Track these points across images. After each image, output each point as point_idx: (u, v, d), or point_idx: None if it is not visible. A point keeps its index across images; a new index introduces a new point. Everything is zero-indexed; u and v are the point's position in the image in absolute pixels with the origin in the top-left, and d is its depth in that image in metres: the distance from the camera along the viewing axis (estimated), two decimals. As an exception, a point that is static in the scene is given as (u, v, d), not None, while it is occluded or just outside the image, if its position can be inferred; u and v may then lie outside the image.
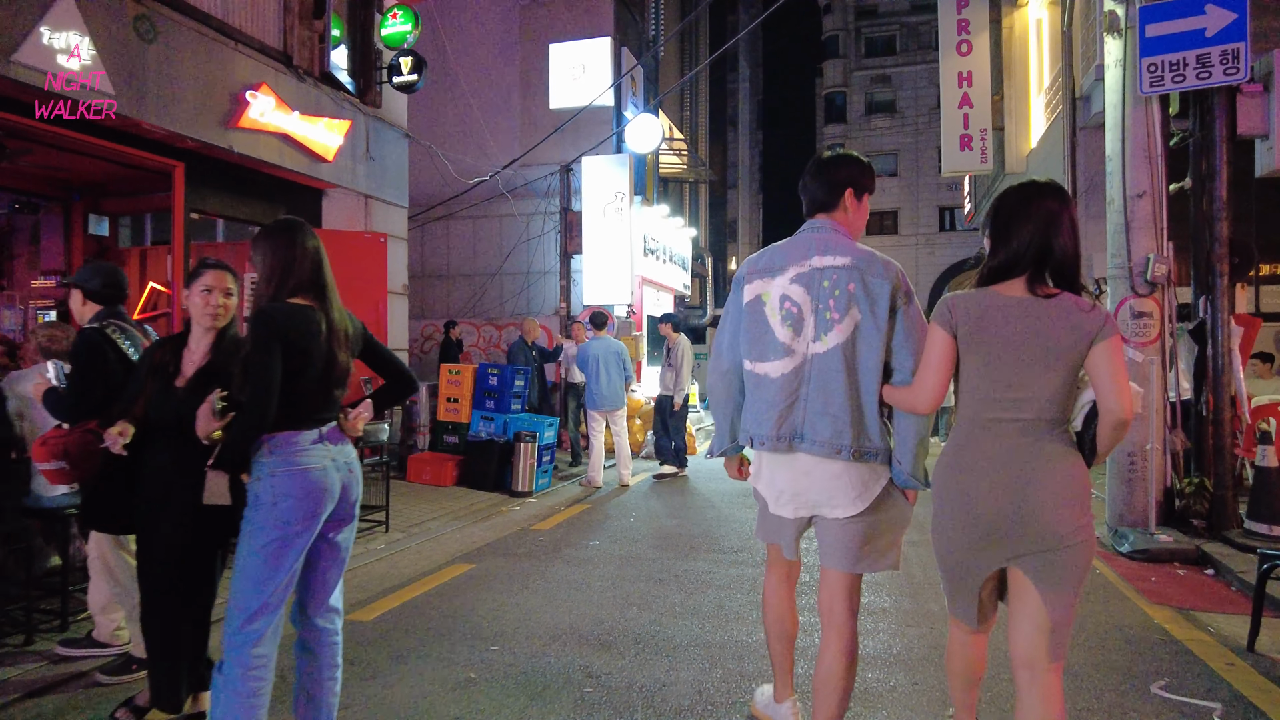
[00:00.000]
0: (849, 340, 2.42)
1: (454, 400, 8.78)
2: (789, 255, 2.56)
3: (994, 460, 2.15)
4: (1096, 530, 6.08)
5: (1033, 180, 2.24)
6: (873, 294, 2.41)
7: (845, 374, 2.42)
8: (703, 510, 7.41)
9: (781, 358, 2.51)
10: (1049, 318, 2.10)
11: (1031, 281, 2.14)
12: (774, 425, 2.50)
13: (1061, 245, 2.13)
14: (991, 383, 2.16)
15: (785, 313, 2.50)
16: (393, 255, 9.42)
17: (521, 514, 7.29)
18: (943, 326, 2.22)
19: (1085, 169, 11.36)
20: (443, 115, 13.83)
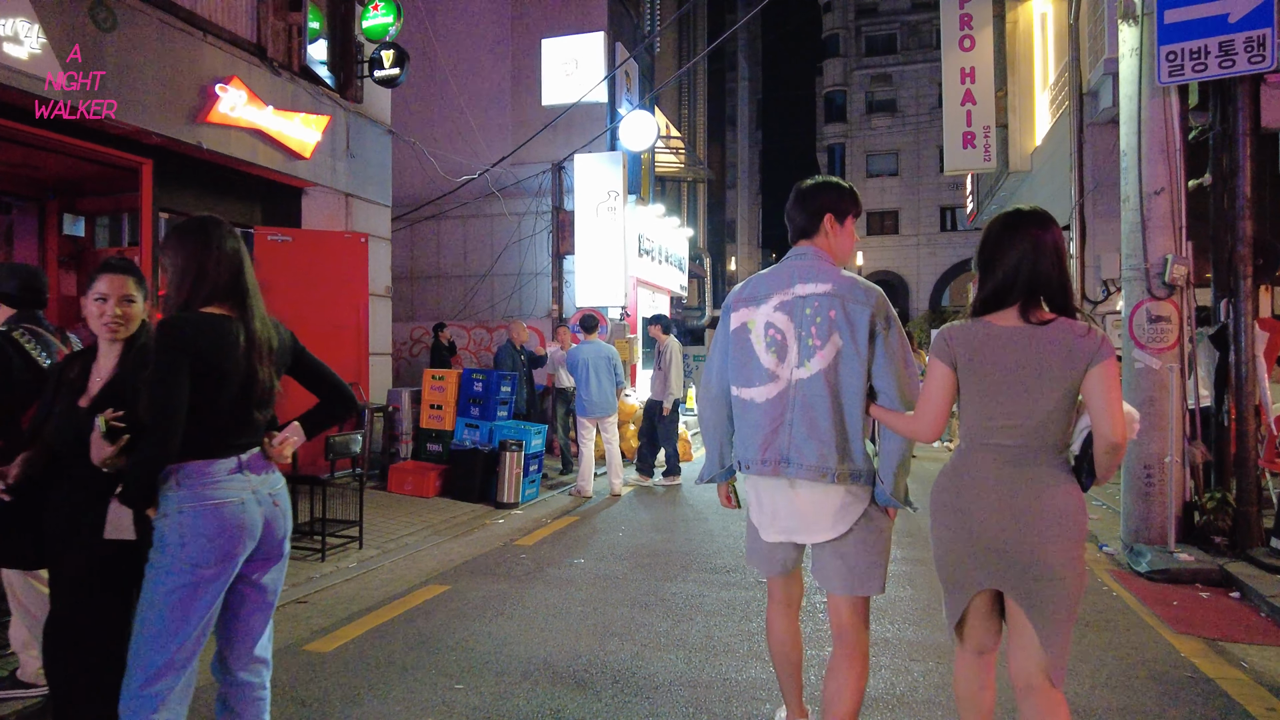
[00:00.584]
0: (832, 366, 2.48)
1: (437, 407, 8.43)
2: (773, 284, 2.62)
3: (992, 483, 2.19)
4: (1111, 546, 5.71)
5: (1017, 208, 2.29)
6: (853, 320, 2.46)
7: (829, 399, 2.48)
8: (694, 524, 7.06)
9: (766, 383, 2.57)
10: (1043, 345, 2.14)
11: (1024, 309, 2.18)
12: (759, 449, 2.56)
13: (1047, 270, 2.17)
14: (989, 410, 2.21)
15: (769, 340, 2.57)
16: (375, 256, 9.09)
17: (505, 527, 6.94)
18: (942, 360, 2.28)
19: (1093, 167, 11.01)
20: (432, 114, 13.49)
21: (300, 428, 2.51)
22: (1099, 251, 11.07)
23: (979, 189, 19.46)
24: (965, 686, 2.41)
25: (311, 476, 5.95)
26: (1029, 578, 2.14)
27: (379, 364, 9.13)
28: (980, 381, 2.22)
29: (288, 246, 8.26)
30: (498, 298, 13.31)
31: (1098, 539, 6.39)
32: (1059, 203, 12.68)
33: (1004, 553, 2.16)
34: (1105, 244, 11.05)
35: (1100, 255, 11.03)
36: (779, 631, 2.81)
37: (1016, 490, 2.15)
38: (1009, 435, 2.18)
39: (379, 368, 9.12)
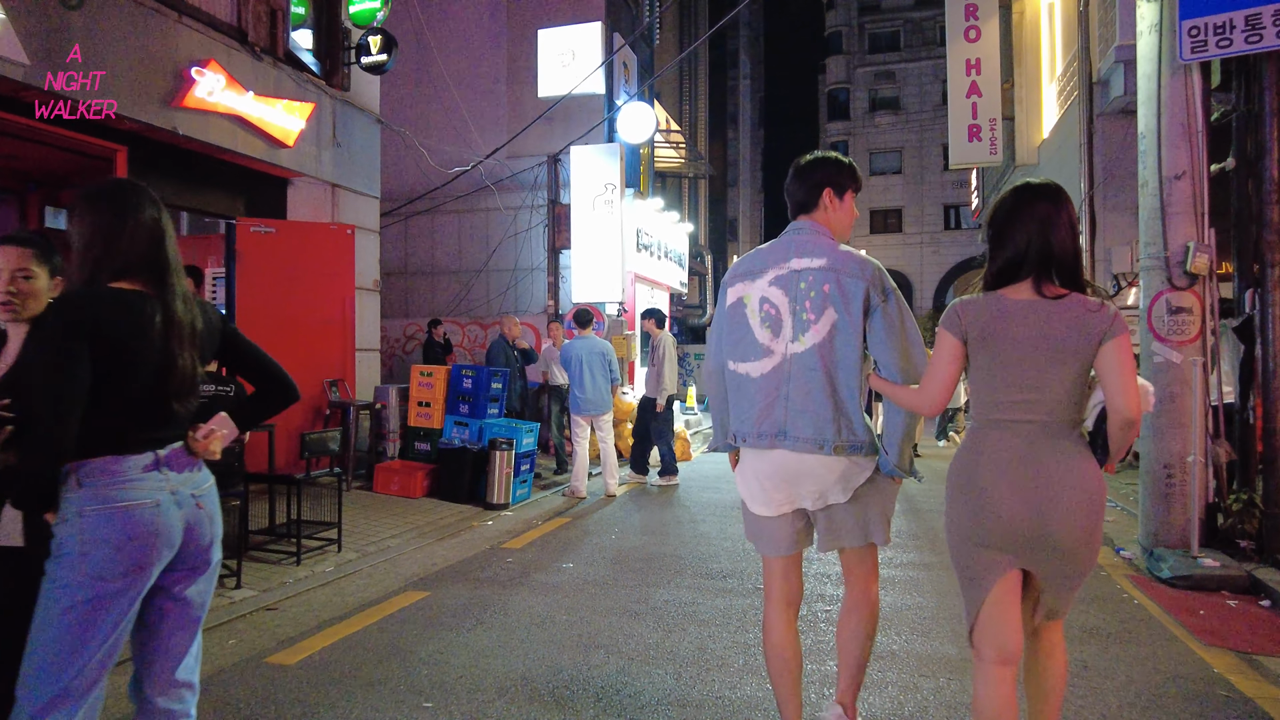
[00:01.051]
0: (827, 340, 2.47)
1: (426, 405, 8.14)
2: (769, 258, 2.61)
3: (1013, 461, 2.15)
4: (1129, 550, 5.40)
5: (1027, 182, 2.26)
6: (848, 293, 2.45)
7: (824, 372, 2.48)
8: (692, 526, 6.76)
9: (761, 358, 2.57)
10: (1057, 318, 2.12)
11: (1037, 283, 2.16)
12: (755, 423, 2.56)
13: (1060, 244, 2.15)
14: (1004, 385, 2.18)
15: (764, 314, 2.57)
16: (363, 249, 8.80)
17: (493, 530, 6.65)
18: (952, 332, 2.24)
19: (1103, 158, 10.70)
20: (426, 106, 13.21)
21: (229, 419, 2.22)
22: (1110, 245, 10.75)
23: (984, 184, 19.14)
24: (987, 707, 2.21)
25: (287, 476, 5.66)
26: (1054, 554, 2.13)
27: (366, 360, 8.85)
28: (995, 356, 2.19)
29: (271, 238, 7.98)
30: (493, 293, 13.03)
31: (1113, 542, 6.09)
32: (1068, 196, 12.37)
33: (1028, 530, 2.12)
34: (1116, 237, 10.74)
35: (1111, 249, 10.71)
36: (777, 637, 2.67)
37: (1038, 467, 2.12)
38: (1025, 411, 2.15)
39: (366, 364, 8.84)
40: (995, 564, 2.19)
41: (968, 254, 38.60)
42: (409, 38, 12.71)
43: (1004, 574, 2.20)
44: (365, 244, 8.96)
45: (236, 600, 4.67)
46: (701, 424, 16.32)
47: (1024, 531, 2.12)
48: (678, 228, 15.37)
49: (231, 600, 4.66)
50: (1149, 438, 5.54)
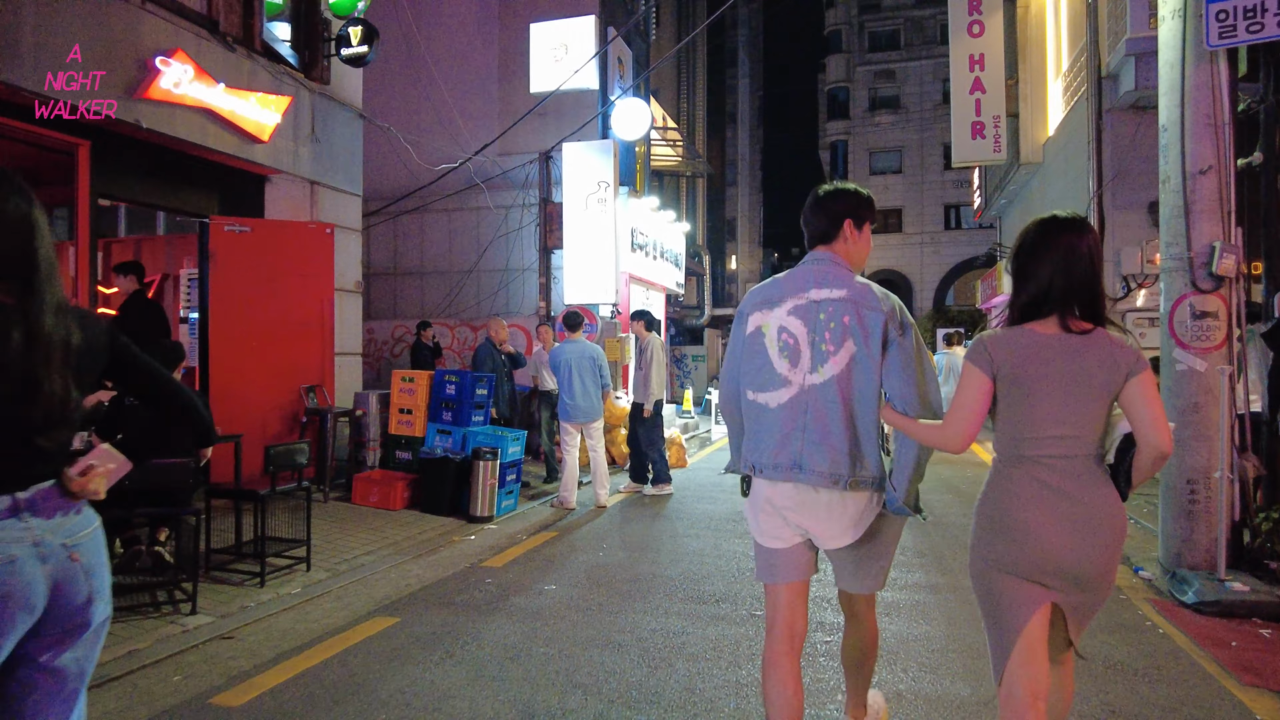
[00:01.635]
0: (845, 372, 2.47)
1: (407, 411, 7.79)
2: (787, 288, 2.60)
3: (1053, 497, 2.14)
4: (1148, 570, 5.05)
5: (1053, 215, 2.26)
6: (867, 326, 2.46)
7: (842, 405, 2.46)
8: (686, 541, 6.41)
9: (779, 388, 2.55)
10: (1086, 354, 2.14)
11: (1063, 318, 2.17)
12: (772, 454, 2.53)
13: (1084, 277, 2.16)
14: (1036, 421, 2.17)
15: (783, 344, 2.55)
16: (343, 248, 8.46)
17: (474, 545, 6.30)
18: (982, 369, 2.22)
19: (1112, 155, 10.35)
20: (415, 103, 12.86)
21: (113, 452, 1.86)
22: (1119, 246, 10.40)
23: (987, 183, 18.79)
24: None
25: (250, 491, 5.30)
26: (1084, 586, 2.15)
27: (347, 364, 8.50)
28: (1025, 391, 2.17)
29: (246, 238, 7.63)
30: (484, 295, 12.68)
31: (1130, 560, 5.74)
32: (1074, 195, 12.02)
33: (1070, 564, 2.12)
34: (1126, 237, 10.39)
35: (1120, 250, 10.36)
36: (779, 676, 2.52)
37: (1081, 503, 2.12)
38: (1058, 446, 2.15)
39: (347, 368, 8.49)
40: (1032, 599, 2.17)
41: (968, 254, 38.26)
42: (398, 34, 12.37)
43: (1039, 608, 2.18)
44: (346, 243, 8.61)
45: (190, 628, 4.32)
46: (699, 428, 15.97)
47: (1067, 565, 2.13)
48: (674, 227, 15.02)
49: (185, 629, 4.31)
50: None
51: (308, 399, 7.69)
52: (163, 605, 4.60)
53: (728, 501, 8.09)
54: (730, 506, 7.81)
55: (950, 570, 5.52)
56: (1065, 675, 2.34)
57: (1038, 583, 2.16)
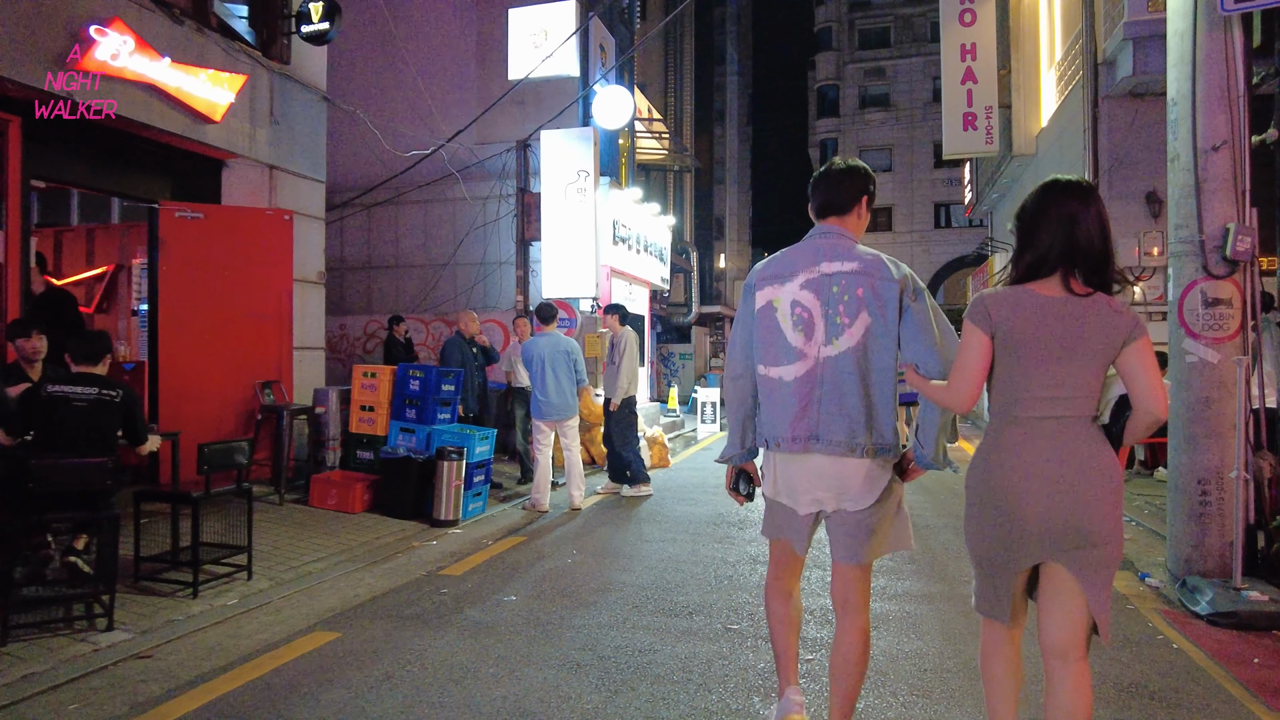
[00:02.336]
0: (860, 344, 2.48)
1: (369, 409, 7.36)
2: (798, 261, 2.60)
3: (1043, 458, 2.15)
4: (1155, 577, 4.67)
5: (1056, 178, 2.25)
6: (882, 297, 2.47)
7: (858, 376, 2.48)
8: (661, 546, 6.01)
9: (794, 362, 2.55)
10: (1085, 317, 2.13)
11: (1065, 279, 2.16)
12: (789, 427, 2.54)
13: (1088, 241, 2.15)
14: (1033, 381, 2.17)
15: (796, 318, 2.55)
16: (305, 237, 8.03)
17: (434, 551, 5.88)
18: (980, 327, 2.22)
19: (1109, 144, 10.01)
20: (389, 90, 12.41)
21: None
22: (1115, 237, 9.99)
23: (978, 177, 18.47)
24: (998, 665, 2.36)
25: (184, 494, 4.86)
26: (1084, 544, 2.13)
27: (308, 359, 8.07)
28: (1021, 351, 2.18)
29: (199, 224, 7.20)
30: (460, 289, 12.24)
31: (1135, 566, 5.37)
32: (1069, 187, 11.69)
33: (1060, 524, 2.14)
34: (1123, 229, 10.04)
35: (1117, 241, 10.01)
36: (782, 600, 2.77)
37: (1068, 463, 2.14)
38: (1051, 407, 2.16)
39: (308, 363, 8.05)
40: (1027, 558, 2.21)
41: (958, 253, 38.00)
42: (372, 19, 11.94)
43: (1027, 569, 2.25)
44: (308, 232, 8.18)
45: (103, 647, 3.89)
46: (683, 427, 15.58)
47: (1057, 527, 2.14)
48: (659, 221, 14.62)
49: (96, 647, 3.88)
50: (1179, 449, 4.82)
51: (263, 395, 7.26)
52: (77, 621, 4.16)
53: (709, 503, 7.69)
54: (711, 509, 7.41)
55: (944, 577, 5.14)
56: (1081, 684, 2.20)
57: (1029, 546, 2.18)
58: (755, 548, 5.89)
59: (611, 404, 8.06)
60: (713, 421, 15.52)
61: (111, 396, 4.50)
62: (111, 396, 4.50)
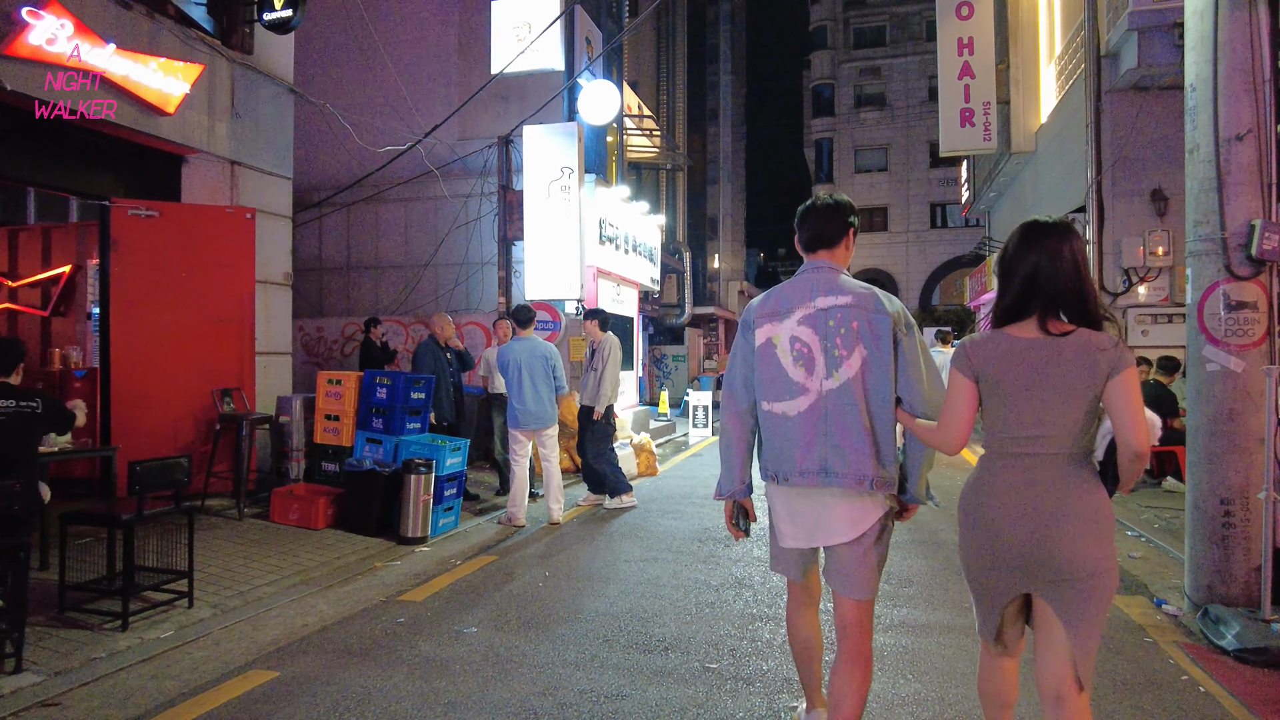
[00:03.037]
0: (858, 375, 2.52)
1: (334, 418, 6.95)
2: (793, 298, 2.65)
3: (1018, 491, 2.21)
4: (1173, 604, 4.29)
5: (1035, 219, 2.29)
6: (876, 330, 2.53)
7: (859, 407, 2.52)
8: (641, 568, 5.61)
9: (797, 397, 2.59)
10: (1062, 356, 2.15)
11: (1042, 320, 2.19)
12: (797, 461, 2.57)
13: (1065, 283, 2.18)
14: (1012, 420, 2.22)
15: (796, 353, 2.60)
16: (269, 237, 7.63)
17: (398, 573, 5.47)
18: (963, 373, 2.29)
19: (1112, 140, 9.63)
20: (370, 87, 11.99)
21: None
22: (1119, 236, 9.69)
23: (975, 176, 18.10)
24: (991, 684, 2.46)
25: (114, 515, 4.44)
26: (1061, 580, 2.15)
27: (273, 365, 7.66)
28: (1002, 393, 2.23)
29: (154, 223, 6.79)
30: (442, 290, 11.83)
31: (1149, 589, 4.99)
32: (1070, 184, 11.30)
33: (1033, 557, 2.17)
34: (1126, 227, 9.68)
35: (1121, 240, 9.65)
36: (802, 628, 2.81)
37: (1041, 495, 2.17)
38: (1033, 445, 2.20)
39: (273, 369, 7.64)
40: (1008, 588, 2.26)
41: (954, 253, 37.65)
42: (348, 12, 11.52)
43: (1016, 597, 2.28)
44: (273, 231, 7.77)
45: (5, 693, 3.48)
46: (674, 431, 15.19)
47: (1026, 556, 2.18)
48: (648, 220, 14.21)
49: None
50: (1199, 465, 4.44)
51: (223, 404, 6.85)
52: (-19, 661, 3.75)
53: (695, 517, 7.29)
54: (697, 523, 7.02)
55: (941, 603, 4.74)
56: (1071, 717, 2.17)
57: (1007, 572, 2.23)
58: (741, 569, 5.50)
59: (595, 412, 7.67)
60: (704, 425, 15.13)
61: (31, 408, 4.10)
62: (31, 408, 4.10)
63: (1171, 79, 8.94)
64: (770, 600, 4.76)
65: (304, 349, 12.22)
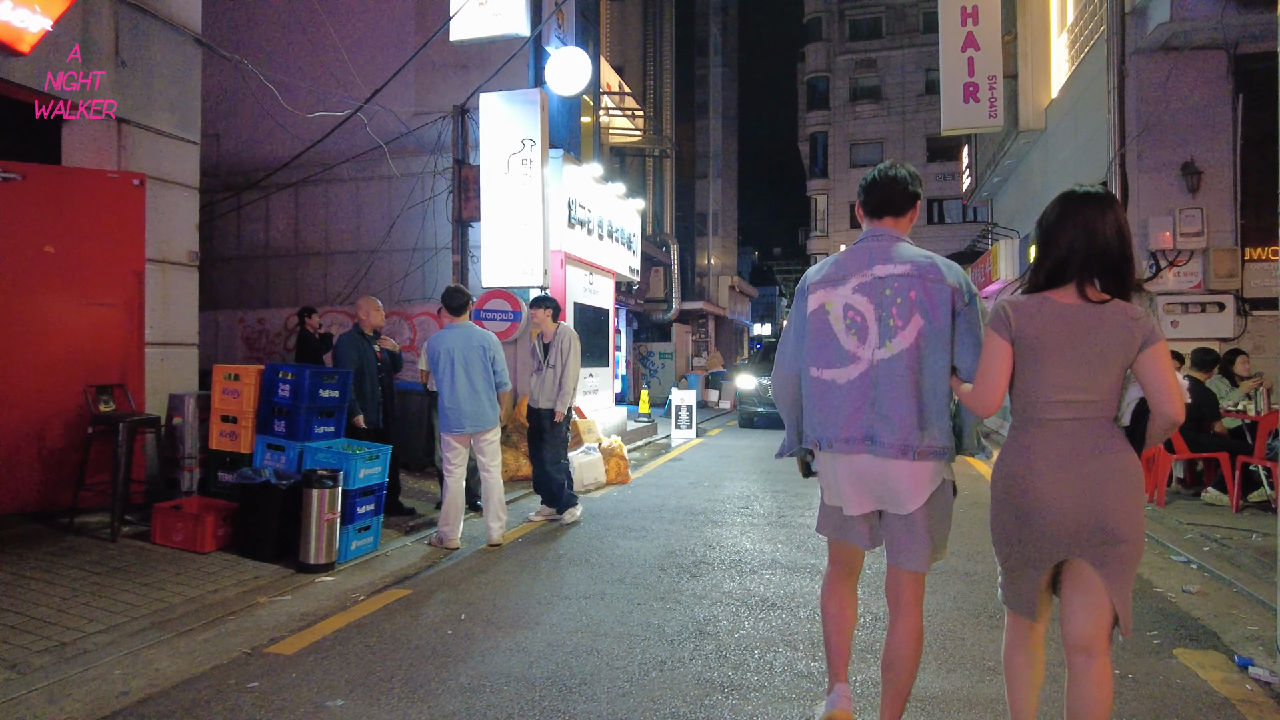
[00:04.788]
0: (913, 346, 2.50)
1: (231, 420, 5.86)
2: (850, 265, 2.62)
3: (1063, 458, 2.20)
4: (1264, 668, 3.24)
5: (1074, 187, 2.30)
6: (935, 300, 2.49)
7: (911, 378, 2.50)
8: (584, 605, 4.54)
9: (847, 364, 2.58)
10: (1101, 323, 2.18)
11: (1081, 286, 2.22)
12: (842, 428, 2.56)
13: (1106, 249, 2.20)
14: (1051, 385, 2.23)
15: (849, 321, 2.58)
16: (171, 209, 6.56)
17: (282, 612, 4.39)
18: (1001, 334, 2.28)
19: (1138, 107, 8.59)
20: (318, 58, 10.89)
21: None
22: (1145, 216, 8.65)
23: (978, 160, 17.07)
24: (1023, 656, 2.41)
25: None
26: (1105, 542, 2.17)
27: (173, 358, 6.56)
28: (1040, 356, 2.24)
29: (15, 189, 5.71)
30: (395, 277, 10.75)
31: (1221, 639, 3.94)
32: (1085, 163, 10.26)
33: (1082, 522, 2.18)
34: (1154, 206, 8.64)
35: (1148, 221, 8.61)
36: (836, 599, 2.77)
37: (1087, 461, 2.18)
38: (1069, 410, 2.21)
39: (173, 363, 6.55)
40: (1050, 555, 2.25)
41: (951, 249, 36.58)
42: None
43: (1050, 566, 2.29)
44: (175, 203, 6.67)
45: None
46: (655, 433, 14.12)
47: (1077, 524, 2.18)
48: (626, 204, 13.14)
49: None
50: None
51: (99, 403, 5.76)
52: None
53: (661, 536, 6.23)
54: (662, 544, 5.96)
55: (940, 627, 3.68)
56: (1102, 671, 2.23)
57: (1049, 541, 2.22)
58: (705, 609, 4.43)
59: (556, 413, 6.61)
60: (688, 427, 14.08)
61: None
62: None
63: (1209, 36, 7.90)
64: (738, 659, 3.70)
65: (245, 343, 11.15)
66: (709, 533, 6.34)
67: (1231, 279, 8.26)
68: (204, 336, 11.49)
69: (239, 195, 11.14)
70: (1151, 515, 6.63)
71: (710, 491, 8.30)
